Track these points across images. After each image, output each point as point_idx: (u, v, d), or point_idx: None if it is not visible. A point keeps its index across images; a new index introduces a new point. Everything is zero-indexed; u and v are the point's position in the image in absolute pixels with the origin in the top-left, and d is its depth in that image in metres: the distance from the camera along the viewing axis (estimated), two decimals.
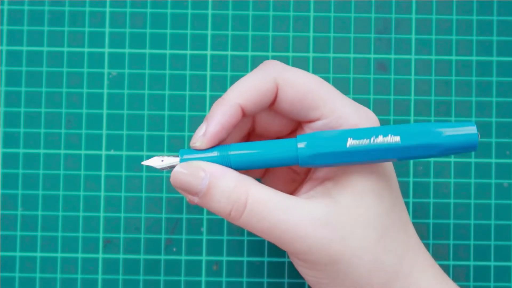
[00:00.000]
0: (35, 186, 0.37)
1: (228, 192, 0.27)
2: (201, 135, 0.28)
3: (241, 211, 0.26)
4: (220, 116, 0.28)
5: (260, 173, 0.33)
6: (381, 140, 0.26)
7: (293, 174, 0.32)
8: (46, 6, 0.37)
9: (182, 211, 0.37)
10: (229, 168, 0.27)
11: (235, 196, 0.26)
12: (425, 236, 0.36)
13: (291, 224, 0.26)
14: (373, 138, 0.26)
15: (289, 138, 0.28)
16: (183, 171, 0.27)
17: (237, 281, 0.36)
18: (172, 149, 0.37)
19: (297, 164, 0.28)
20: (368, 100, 0.37)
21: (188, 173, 0.27)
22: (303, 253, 0.27)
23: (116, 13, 0.37)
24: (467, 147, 0.26)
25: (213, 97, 0.37)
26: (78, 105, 0.37)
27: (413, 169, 0.37)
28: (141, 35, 0.37)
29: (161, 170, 0.29)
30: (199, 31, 0.37)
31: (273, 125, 0.31)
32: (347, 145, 0.26)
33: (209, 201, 0.27)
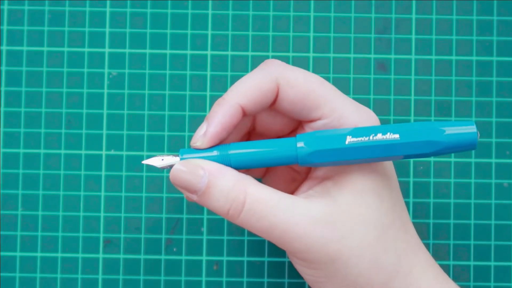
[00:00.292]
0: (35, 186, 0.37)
1: (226, 191, 0.27)
2: (202, 135, 0.28)
3: (239, 210, 0.26)
4: (221, 116, 0.28)
5: (261, 173, 0.33)
6: (380, 137, 0.26)
7: (293, 173, 0.32)
8: (46, 6, 0.37)
9: (182, 211, 0.37)
10: (229, 167, 0.27)
11: (233, 195, 0.26)
12: (425, 236, 0.36)
13: (290, 223, 0.26)
14: (372, 135, 0.26)
15: (288, 137, 0.28)
16: (182, 168, 0.27)
17: (238, 281, 0.36)
18: (172, 149, 0.37)
19: (297, 163, 0.28)
20: (368, 100, 0.37)
21: (187, 171, 0.27)
22: (301, 252, 0.27)
23: (116, 13, 0.37)
24: (467, 146, 0.26)
25: (213, 97, 0.37)
26: (78, 105, 0.37)
27: (413, 169, 0.37)
28: (141, 35, 0.37)
29: (161, 169, 0.29)
30: (199, 31, 0.37)
31: (273, 125, 0.31)
32: (346, 142, 0.26)
33: (207, 199, 0.27)
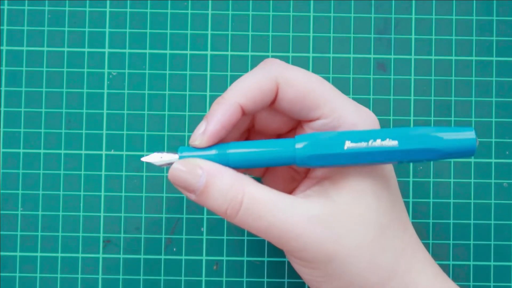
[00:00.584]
0: (35, 186, 0.37)
1: (224, 190, 0.27)
2: (201, 134, 0.28)
3: (237, 210, 0.27)
4: (220, 115, 0.28)
5: (260, 172, 0.33)
6: (378, 143, 0.26)
7: (293, 173, 0.32)
8: (46, 6, 0.37)
9: (182, 211, 0.37)
10: (227, 166, 0.27)
11: (231, 194, 0.27)
12: (425, 236, 0.36)
13: (287, 223, 0.26)
14: (371, 141, 0.26)
15: (287, 138, 0.28)
16: (181, 168, 0.27)
17: (237, 281, 0.36)
18: (172, 149, 0.37)
19: (295, 164, 0.28)
20: (368, 100, 0.37)
21: (186, 171, 0.27)
22: (299, 251, 0.27)
23: (116, 13, 0.37)
24: (465, 152, 0.26)
25: (213, 97, 0.37)
26: (78, 105, 0.37)
27: (413, 169, 0.37)
28: (141, 35, 0.37)
29: (160, 167, 0.29)
30: (199, 31, 0.37)
31: (273, 123, 0.31)
32: (345, 148, 0.26)
33: (205, 199, 0.27)
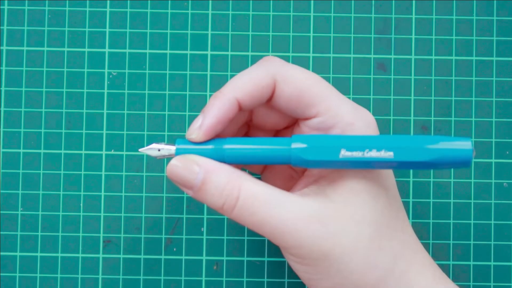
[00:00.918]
0: (35, 186, 0.37)
1: (220, 186, 0.27)
2: (197, 127, 0.28)
3: (233, 205, 0.27)
4: (217, 110, 0.28)
5: (259, 169, 0.33)
6: (374, 154, 0.26)
7: (291, 171, 0.32)
8: (46, 6, 0.37)
9: (182, 211, 0.37)
10: (224, 162, 0.28)
11: (227, 190, 0.27)
12: (425, 236, 0.36)
13: (281, 219, 0.26)
14: (366, 151, 0.26)
15: (284, 138, 0.28)
16: (178, 164, 0.27)
17: (237, 281, 0.36)
18: None
19: (290, 164, 0.28)
20: (368, 100, 0.37)
21: (183, 167, 0.27)
22: (293, 248, 0.27)
23: (116, 13, 0.37)
24: (461, 163, 0.26)
25: None
26: (78, 105, 0.37)
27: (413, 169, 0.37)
28: (141, 35, 0.37)
29: (158, 159, 0.29)
30: (199, 31, 0.37)
31: (270, 120, 0.31)
32: (340, 156, 0.27)
33: (203, 195, 0.27)
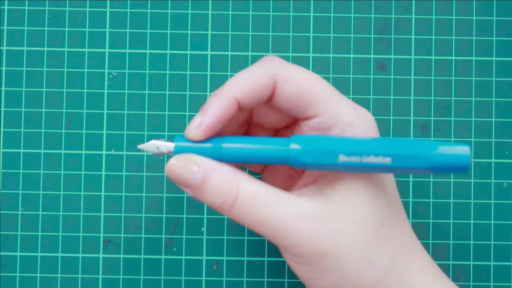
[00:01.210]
0: (35, 186, 0.37)
1: (219, 186, 0.27)
2: (196, 126, 0.28)
3: (231, 205, 0.27)
4: (216, 108, 0.28)
5: (259, 168, 0.33)
6: (372, 160, 0.26)
7: (291, 170, 0.32)
8: (46, 6, 0.37)
9: (182, 211, 0.37)
10: (222, 162, 0.28)
11: (226, 190, 0.27)
12: (425, 236, 0.36)
13: (279, 218, 0.26)
14: (364, 156, 0.26)
15: (283, 138, 0.28)
16: (177, 163, 0.27)
17: (237, 280, 0.36)
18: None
19: (288, 164, 0.28)
20: (368, 100, 0.37)
21: (182, 166, 0.27)
22: (291, 247, 0.27)
23: (116, 13, 0.37)
24: (459, 169, 0.26)
25: None
26: (78, 105, 0.37)
27: None
28: (141, 35, 0.37)
29: (157, 156, 0.29)
30: (199, 31, 0.37)
31: (270, 119, 0.31)
32: (338, 161, 0.27)
33: (202, 194, 0.27)
